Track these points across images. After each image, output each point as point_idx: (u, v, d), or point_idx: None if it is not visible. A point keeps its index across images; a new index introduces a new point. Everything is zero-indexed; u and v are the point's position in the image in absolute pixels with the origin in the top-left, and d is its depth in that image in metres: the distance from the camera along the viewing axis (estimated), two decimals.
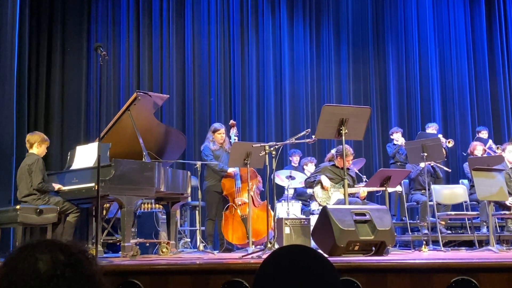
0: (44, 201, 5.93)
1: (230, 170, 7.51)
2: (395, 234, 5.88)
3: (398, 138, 9.35)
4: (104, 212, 6.85)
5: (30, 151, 6.16)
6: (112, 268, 3.95)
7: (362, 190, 7.12)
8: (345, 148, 6.31)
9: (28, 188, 5.96)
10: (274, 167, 6.04)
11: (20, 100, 8.01)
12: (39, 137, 6.23)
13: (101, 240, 5.96)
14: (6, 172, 7.32)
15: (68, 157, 6.46)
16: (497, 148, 8.80)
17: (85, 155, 6.15)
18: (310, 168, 8.62)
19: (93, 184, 5.64)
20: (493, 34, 11.21)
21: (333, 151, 7.87)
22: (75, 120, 9.49)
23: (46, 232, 5.85)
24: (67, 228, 5.99)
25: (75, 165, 6.21)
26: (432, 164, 8.44)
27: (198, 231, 7.62)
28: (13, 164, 7.36)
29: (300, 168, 8.75)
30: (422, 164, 8.01)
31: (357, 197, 7.11)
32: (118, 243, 6.63)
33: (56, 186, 6.03)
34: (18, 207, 5.75)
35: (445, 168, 8.77)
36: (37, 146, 6.15)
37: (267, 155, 6.05)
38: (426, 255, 5.81)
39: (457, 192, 8.04)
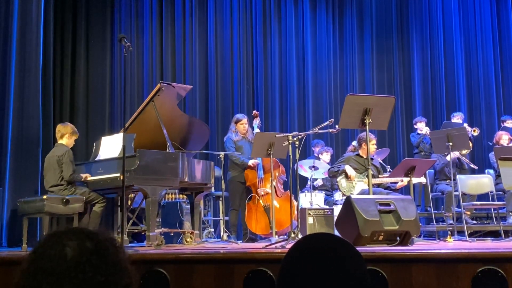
0: (70, 191, 6.01)
1: (252, 162, 7.52)
2: (420, 224, 5.85)
3: (422, 127, 9.28)
4: (129, 202, 6.92)
5: (60, 141, 6.24)
6: (138, 257, 3.99)
7: (405, 180, 6.96)
8: (366, 134, 6.28)
9: (55, 179, 6.04)
10: (297, 157, 6.03)
11: (46, 91, 8.10)
12: (71, 128, 6.32)
13: (127, 230, 6.02)
14: (32, 163, 7.41)
15: (94, 147, 6.53)
16: None
17: (110, 146, 6.21)
18: (325, 157, 8.60)
19: (118, 174, 5.70)
20: None
21: (353, 143, 7.86)
22: (100, 111, 9.58)
23: (73, 222, 5.93)
24: (93, 218, 6.06)
25: (101, 156, 6.27)
26: (459, 156, 8.36)
27: (221, 221, 7.67)
28: (39, 155, 7.45)
29: (318, 158, 8.72)
30: (448, 158, 7.93)
31: (394, 188, 7.05)
32: (143, 233, 6.71)
33: (83, 175, 6.10)
34: (45, 197, 5.84)
35: (472, 165, 8.62)
36: (67, 137, 6.24)
37: (290, 145, 6.05)
38: (451, 245, 5.77)
39: (482, 182, 7.95)
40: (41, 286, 1.32)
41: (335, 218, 6.28)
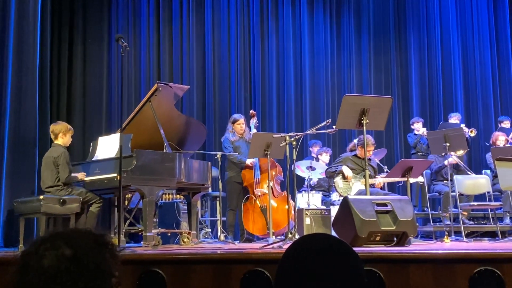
0: (67, 192, 5.99)
1: (249, 161, 7.52)
2: (417, 224, 5.86)
3: (419, 128, 9.29)
4: (126, 202, 6.91)
5: (56, 142, 6.20)
6: (134, 257, 3.99)
7: (378, 181, 7.07)
8: (366, 138, 6.28)
9: (52, 180, 6.02)
10: (294, 157, 6.02)
11: (42, 91, 8.08)
12: (63, 127, 6.27)
13: (123, 230, 6.02)
14: (29, 163, 7.40)
15: (91, 148, 6.52)
16: None
17: (107, 146, 6.20)
18: (324, 158, 8.60)
19: (115, 175, 5.70)
20: None
21: (355, 140, 7.84)
22: (97, 111, 9.57)
23: (69, 222, 5.92)
24: (90, 218, 6.04)
25: (98, 156, 6.26)
26: (455, 159, 8.36)
27: (219, 222, 7.67)
28: (36, 156, 7.44)
29: (317, 159, 8.73)
30: (446, 162, 7.95)
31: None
32: (140, 233, 6.69)
33: (79, 175, 6.08)
34: (41, 197, 5.82)
35: (469, 172, 8.57)
36: (61, 136, 6.20)
37: (287, 146, 6.04)
38: (448, 246, 5.77)
39: (479, 182, 7.95)
40: None
41: (332, 218, 6.28)
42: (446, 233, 6.69)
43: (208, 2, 10.29)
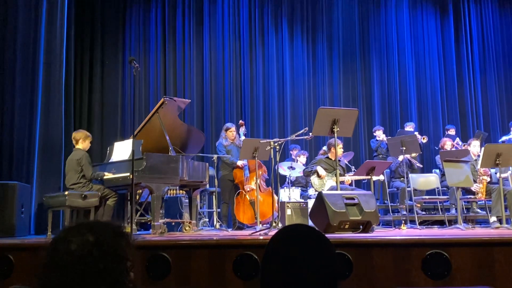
0: (88, 188, 5.97)
1: (240, 162, 7.52)
2: (379, 215, 5.87)
3: (379, 134, 9.34)
4: (137, 197, 6.88)
5: (77, 146, 6.18)
6: (144, 243, 3.97)
7: (346, 179, 7.12)
8: (334, 140, 6.32)
9: (75, 178, 5.99)
10: (277, 159, 6.04)
11: (67, 104, 8.04)
12: (83, 134, 6.26)
13: (135, 220, 5.99)
14: (56, 164, 7.35)
15: (108, 151, 6.49)
16: (463, 145, 8.78)
17: (122, 150, 6.18)
18: (302, 159, 8.61)
19: (128, 174, 5.68)
20: (460, 46, 11.17)
21: (324, 148, 7.89)
22: (113, 120, 9.53)
23: (90, 213, 5.89)
24: (107, 210, 6.02)
25: (113, 158, 6.23)
26: (409, 158, 8.43)
27: (214, 213, 7.65)
28: (61, 158, 7.39)
29: (296, 160, 8.73)
30: (400, 158, 8.01)
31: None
32: (148, 223, 6.67)
33: (106, 173, 6.04)
34: (66, 193, 5.79)
35: (418, 164, 8.68)
36: (82, 141, 6.18)
37: (272, 149, 6.05)
38: (404, 232, 5.80)
39: (430, 179, 8.01)
40: (54, 277, 1.32)
41: (309, 210, 6.30)
42: (403, 221, 6.73)
43: (206, 30, 10.29)
